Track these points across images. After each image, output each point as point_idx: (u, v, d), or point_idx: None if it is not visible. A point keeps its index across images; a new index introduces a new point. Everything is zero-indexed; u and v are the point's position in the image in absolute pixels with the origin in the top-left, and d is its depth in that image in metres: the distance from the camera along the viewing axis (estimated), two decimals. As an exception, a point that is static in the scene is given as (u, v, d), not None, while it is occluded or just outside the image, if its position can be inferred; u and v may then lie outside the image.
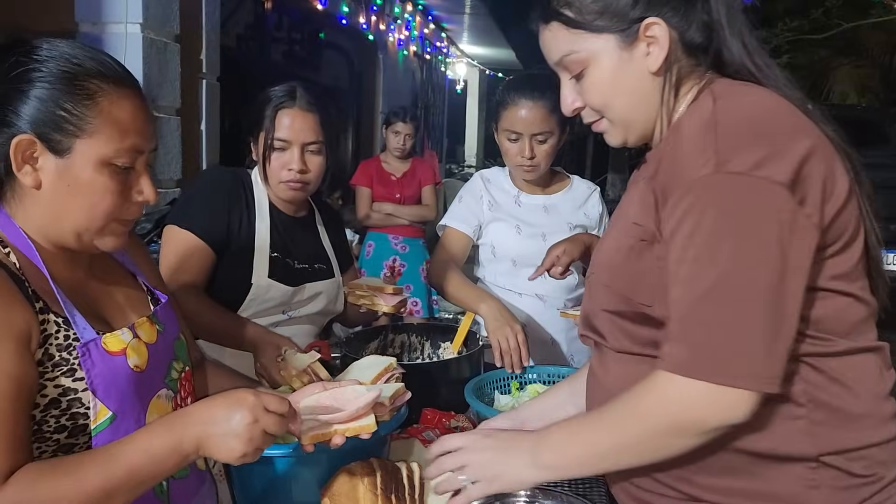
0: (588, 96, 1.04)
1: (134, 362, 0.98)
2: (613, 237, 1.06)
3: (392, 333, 1.90)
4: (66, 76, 0.92)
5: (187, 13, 3.44)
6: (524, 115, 1.87)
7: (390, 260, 4.31)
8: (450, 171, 11.64)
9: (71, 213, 0.95)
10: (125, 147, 0.95)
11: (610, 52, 0.99)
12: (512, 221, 1.99)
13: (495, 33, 9.70)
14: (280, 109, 1.68)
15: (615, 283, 1.01)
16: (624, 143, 1.07)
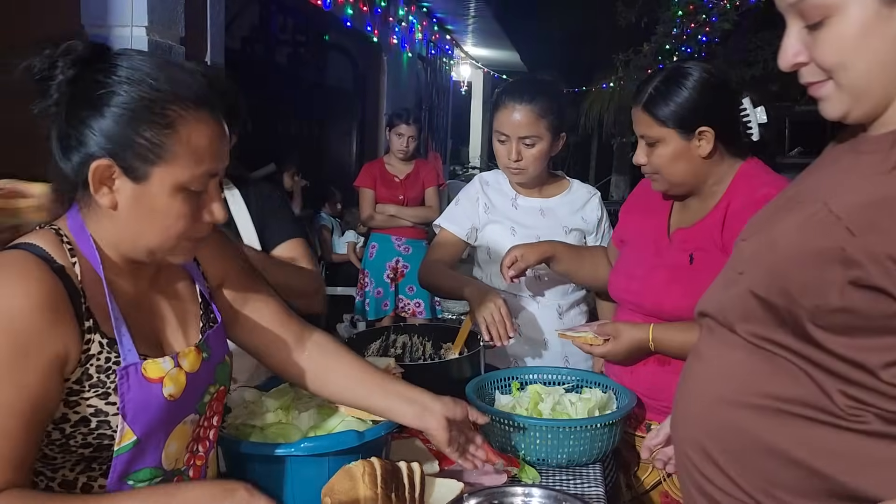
0: (822, 51, 0.88)
1: (169, 391, 0.98)
2: (802, 222, 0.92)
3: (394, 334, 1.91)
4: (145, 102, 0.91)
5: (192, 16, 3.46)
6: (512, 118, 1.90)
7: (393, 261, 4.34)
8: (454, 172, 11.64)
9: (145, 235, 0.96)
10: (200, 173, 0.95)
11: (866, 4, 0.84)
12: (507, 223, 2.01)
13: (500, 35, 9.72)
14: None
15: (784, 277, 0.91)
16: (843, 118, 0.91)
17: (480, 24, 9.08)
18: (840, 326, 0.86)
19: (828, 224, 0.88)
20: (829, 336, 0.87)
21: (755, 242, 0.99)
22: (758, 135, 1.56)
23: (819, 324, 0.87)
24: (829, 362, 0.88)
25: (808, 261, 0.88)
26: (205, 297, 1.12)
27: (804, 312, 0.88)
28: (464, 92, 11.78)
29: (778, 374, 0.92)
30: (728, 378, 0.98)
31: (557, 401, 1.53)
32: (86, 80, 0.91)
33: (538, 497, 1.26)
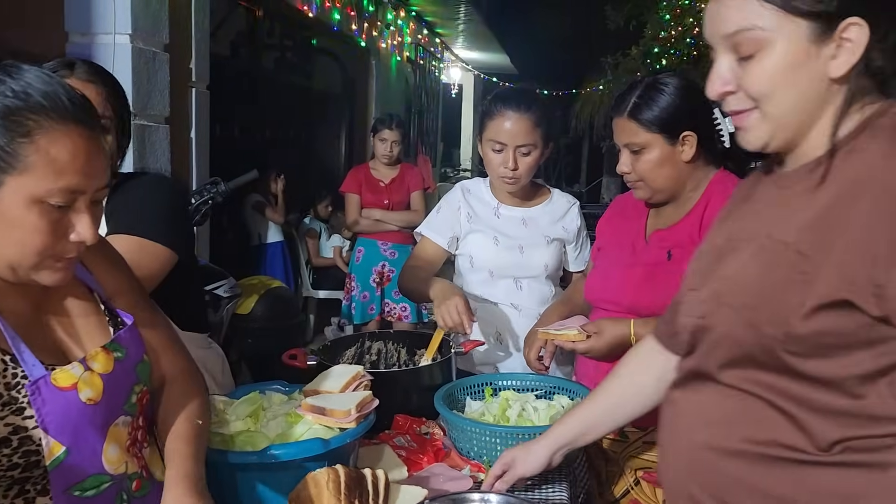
0: (751, 81, 0.93)
1: (87, 395, 0.97)
2: (753, 257, 0.95)
3: (369, 341, 1.94)
4: (5, 110, 0.88)
5: (177, 23, 3.48)
6: (509, 127, 1.91)
7: (379, 266, 4.36)
8: (444, 174, 11.67)
9: (2, 247, 0.92)
10: (59, 187, 0.90)
11: (796, 41, 0.89)
12: (490, 233, 2.02)
13: (490, 39, 9.75)
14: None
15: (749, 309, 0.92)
16: (764, 147, 0.97)
17: (470, 27, 9.11)
18: (813, 348, 0.88)
19: (778, 252, 0.91)
20: (804, 361, 0.89)
21: (711, 289, 1.00)
22: (729, 142, 1.61)
23: (792, 350, 0.89)
24: (805, 392, 0.90)
25: (771, 291, 0.90)
26: (106, 304, 1.10)
27: (776, 343, 0.89)
28: (454, 95, 11.81)
29: (755, 416, 0.94)
30: (705, 425, 1.00)
31: (524, 407, 1.56)
32: None
33: (495, 503, 1.29)
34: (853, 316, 0.85)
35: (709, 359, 0.99)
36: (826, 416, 0.89)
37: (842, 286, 0.84)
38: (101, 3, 3.06)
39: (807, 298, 0.86)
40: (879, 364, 0.86)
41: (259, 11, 5.19)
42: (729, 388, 0.97)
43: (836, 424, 0.89)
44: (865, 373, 0.87)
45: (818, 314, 0.86)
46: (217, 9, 4.11)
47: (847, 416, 0.88)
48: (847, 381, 0.87)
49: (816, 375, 0.88)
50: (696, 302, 1.03)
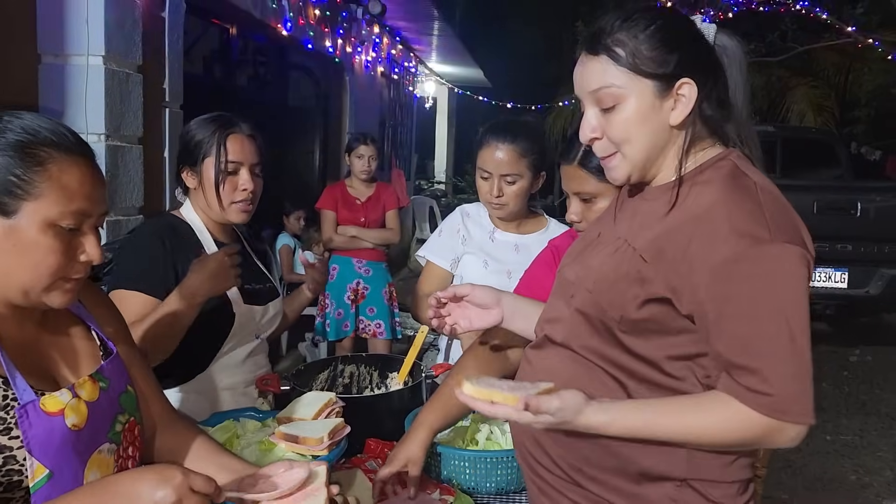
0: (613, 130, 1.16)
1: (72, 421, 1.02)
2: (610, 255, 1.19)
3: (342, 364, 1.98)
4: (19, 144, 0.99)
5: (150, 43, 3.50)
6: (495, 156, 1.98)
7: (354, 283, 4.39)
8: (419, 187, 11.74)
9: (17, 272, 1.00)
10: (70, 210, 1.00)
11: (645, 97, 1.12)
12: (481, 255, 2.09)
13: (463, 53, 9.86)
14: (229, 135, 1.76)
15: (599, 293, 1.16)
16: (627, 180, 1.20)
17: (444, 42, 9.20)
18: (638, 330, 1.13)
19: (628, 254, 1.15)
20: (631, 338, 1.14)
21: (575, 270, 1.26)
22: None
23: (623, 329, 1.14)
24: (631, 364, 1.15)
25: (615, 282, 1.15)
26: (98, 335, 1.16)
27: (613, 322, 1.14)
28: (428, 108, 11.89)
29: (593, 379, 1.17)
30: (554, 379, 1.17)
31: (492, 430, 1.61)
32: None
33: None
34: (669, 310, 1.10)
35: (568, 329, 1.22)
36: (646, 387, 1.14)
37: (665, 288, 1.09)
38: (74, 25, 3.07)
39: (640, 293, 1.11)
40: (684, 351, 1.13)
41: (233, 29, 5.22)
42: (575, 354, 1.20)
43: (648, 394, 1.14)
44: (672, 355, 1.13)
45: (646, 305, 1.11)
46: (190, 28, 4.14)
47: (660, 387, 1.14)
48: (659, 359, 1.14)
49: (640, 353, 1.14)
50: (566, 283, 1.27)
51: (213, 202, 1.76)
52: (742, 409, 1.05)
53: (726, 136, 1.18)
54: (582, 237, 1.36)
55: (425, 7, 7.19)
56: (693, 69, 1.12)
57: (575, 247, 1.34)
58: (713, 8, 8.69)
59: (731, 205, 1.07)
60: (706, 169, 1.15)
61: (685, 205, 1.13)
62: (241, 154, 1.77)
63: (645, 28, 1.13)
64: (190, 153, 1.77)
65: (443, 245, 2.15)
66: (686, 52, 1.13)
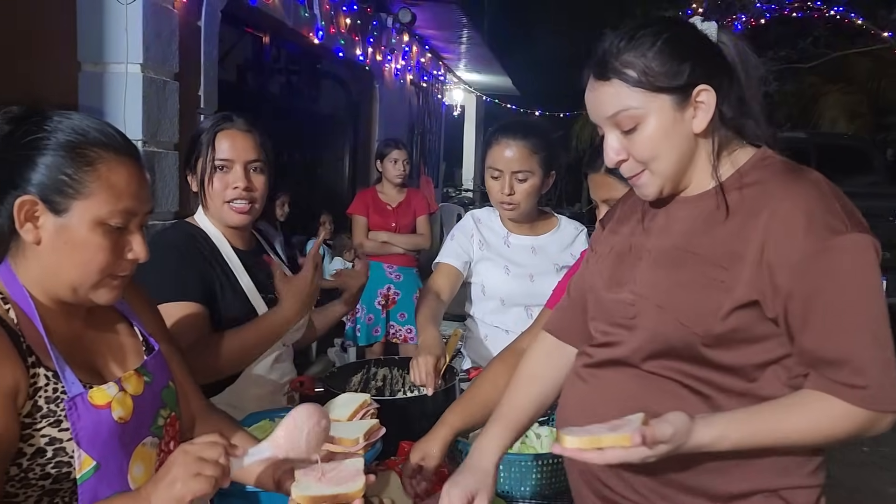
0: (637, 149, 1.13)
1: (118, 414, 1.04)
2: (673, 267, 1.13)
3: (375, 367, 1.98)
4: (69, 144, 1.02)
5: (186, 51, 3.57)
6: (505, 154, 1.95)
7: (385, 288, 4.41)
8: (447, 194, 11.75)
9: (66, 269, 1.03)
10: (118, 209, 1.03)
11: (664, 112, 1.10)
12: (501, 262, 2.06)
13: (491, 61, 9.88)
14: (219, 132, 1.67)
15: (676, 310, 1.10)
16: (659, 194, 1.17)
17: (472, 50, 9.23)
18: (724, 342, 1.08)
19: (699, 263, 1.11)
20: (714, 351, 1.09)
21: (626, 289, 1.18)
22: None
23: (707, 343, 1.09)
24: (712, 376, 1.11)
25: (693, 295, 1.10)
26: (141, 332, 1.19)
27: (695, 338, 1.09)
28: (456, 116, 11.92)
29: (669, 395, 1.13)
30: (620, 401, 1.14)
31: (527, 434, 1.60)
32: (19, 132, 1.02)
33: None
34: (755, 316, 1.07)
35: (634, 351, 1.16)
36: (727, 396, 1.10)
37: (750, 291, 1.06)
38: (114, 34, 3.14)
39: (724, 302, 1.06)
40: (769, 356, 1.09)
41: (266, 38, 5.29)
42: (644, 372, 1.15)
43: (735, 403, 1.09)
44: (759, 362, 1.09)
45: (732, 314, 1.06)
46: (225, 36, 4.20)
47: (745, 396, 1.10)
48: (745, 367, 1.09)
49: (722, 363, 1.09)
50: (620, 304, 1.19)
51: (209, 202, 1.68)
52: (839, 404, 1.02)
53: (751, 134, 1.16)
54: (604, 253, 1.28)
55: (454, 15, 7.22)
56: (707, 74, 1.10)
57: (601, 264, 1.27)
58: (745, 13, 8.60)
59: (802, 199, 1.05)
60: (751, 170, 1.13)
61: (743, 207, 1.10)
62: (231, 150, 1.66)
63: (652, 44, 1.10)
64: (188, 154, 1.72)
65: (455, 246, 2.12)
66: (697, 59, 1.10)
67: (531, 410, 1.34)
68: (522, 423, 1.34)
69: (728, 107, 1.12)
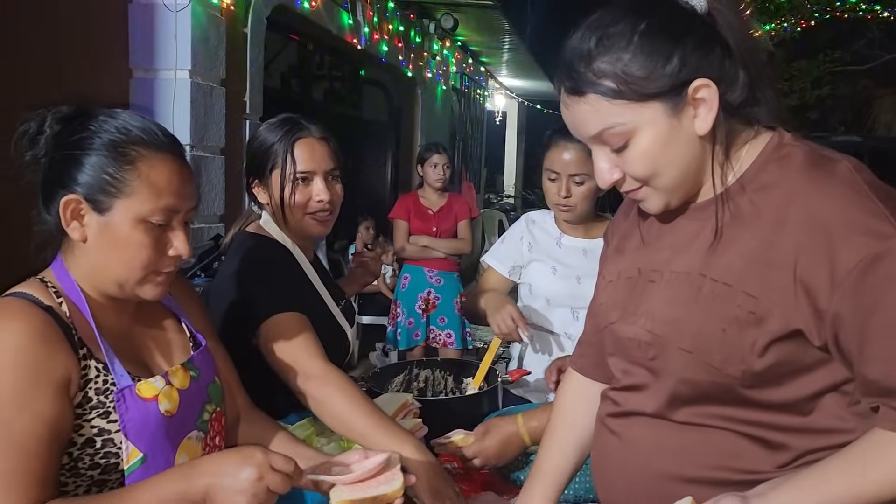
0: (632, 167, 0.97)
1: (165, 407, 1.06)
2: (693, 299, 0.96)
3: (417, 368, 1.98)
4: (112, 144, 1.03)
5: (233, 58, 3.64)
6: (563, 157, 1.95)
7: (425, 292, 4.41)
8: (488, 200, 11.74)
9: (111, 266, 1.05)
10: (160, 206, 1.04)
11: (657, 122, 0.92)
12: (549, 262, 2.06)
13: (533, 66, 9.84)
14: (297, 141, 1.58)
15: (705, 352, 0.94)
16: (666, 209, 1.01)
17: (514, 55, 9.21)
18: (767, 380, 0.92)
19: (723, 294, 0.93)
20: (758, 391, 0.93)
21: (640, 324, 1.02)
22: None
23: (747, 385, 0.93)
24: (760, 416, 0.95)
25: (723, 332, 0.92)
26: (188, 328, 1.21)
27: (733, 380, 0.93)
28: (498, 122, 11.90)
29: (713, 445, 0.98)
30: (660, 455, 1.01)
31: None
32: (66, 131, 1.04)
33: None
34: (800, 345, 0.90)
35: (660, 402, 1.00)
36: (790, 435, 0.95)
37: (788, 320, 0.88)
38: (164, 42, 3.22)
39: (759, 336, 0.90)
40: (824, 384, 0.93)
41: (310, 45, 5.36)
42: (683, 425, 0.99)
43: (791, 442, 0.94)
44: (812, 393, 0.93)
45: (771, 348, 0.90)
46: (270, 43, 4.27)
47: (800, 432, 0.94)
48: (797, 402, 0.93)
49: (773, 402, 0.93)
50: (635, 343, 1.03)
51: (289, 216, 1.58)
52: None
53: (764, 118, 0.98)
54: (612, 278, 1.13)
55: (496, 21, 7.22)
56: (701, 63, 0.91)
57: (612, 293, 1.11)
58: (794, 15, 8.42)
59: (834, 201, 0.87)
60: (766, 165, 0.96)
61: (762, 215, 0.92)
62: (311, 161, 1.58)
63: (627, 42, 0.91)
64: (258, 164, 1.59)
65: (503, 251, 2.15)
66: (685, 48, 0.91)
67: (573, 462, 1.23)
68: (565, 478, 1.24)
69: (734, 94, 0.94)
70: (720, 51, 0.93)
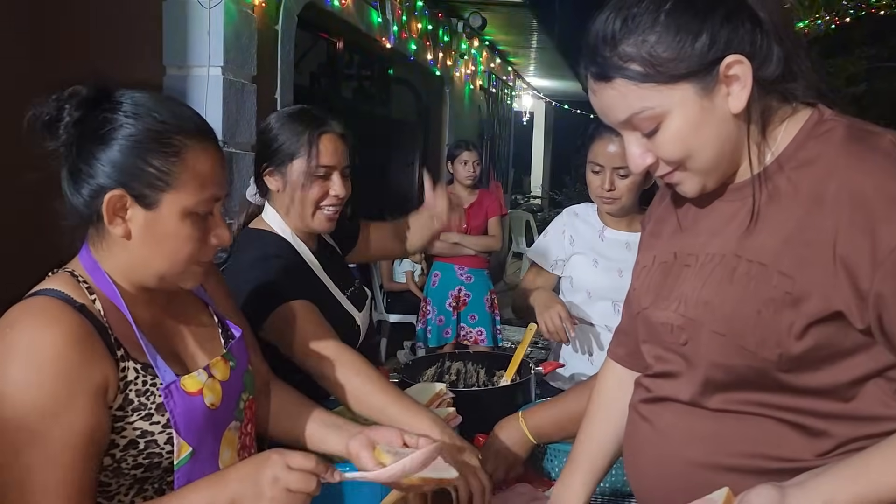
0: (665, 151, 0.94)
1: (210, 400, 1.04)
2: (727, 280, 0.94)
3: (449, 361, 1.97)
4: (152, 134, 0.97)
5: (264, 55, 3.66)
6: (608, 149, 1.93)
7: (456, 290, 4.40)
8: (515, 201, 11.70)
9: (156, 260, 1.01)
10: (205, 197, 1.01)
11: (688, 103, 0.90)
12: (591, 255, 2.04)
13: (562, 66, 9.78)
14: (322, 135, 1.60)
15: (739, 335, 0.91)
16: (702, 191, 0.99)
17: (543, 55, 9.17)
18: (805, 364, 0.89)
19: (757, 275, 0.91)
20: (795, 376, 0.90)
21: (672, 308, 1.00)
22: None
23: (784, 369, 0.90)
24: (800, 402, 0.92)
25: (758, 314, 0.90)
26: (218, 316, 1.19)
27: (769, 364, 0.90)
28: (525, 122, 11.86)
29: (749, 433, 0.95)
30: (693, 443, 0.99)
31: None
32: (92, 119, 0.97)
33: None
34: (840, 327, 0.87)
35: (691, 386, 0.98)
36: (821, 423, 0.92)
37: (827, 302, 0.85)
38: (197, 39, 3.25)
39: (796, 318, 0.87)
40: (867, 369, 0.89)
41: (339, 43, 5.38)
42: (716, 412, 0.97)
43: (832, 429, 0.91)
44: (853, 378, 0.90)
45: (809, 331, 0.87)
46: (300, 41, 4.29)
47: (841, 419, 0.91)
48: (838, 387, 0.90)
49: (812, 387, 0.90)
50: (667, 327, 1.01)
51: (298, 207, 1.60)
52: None
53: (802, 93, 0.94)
54: (647, 263, 1.11)
55: (525, 20, 7.19)
56: (731, 38, 0.88)
57: (646, 279, 1.09)
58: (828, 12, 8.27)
59: (876, 176, 0.84)
60: (805, 142, 0.92)
61: (800, 193, 0.90)
62: (333, 156, 1.60)
63: (652, 22, 0.89)
64: (274, 152, 1.59)
65: (545, 246, 2.14)
66: (714, 23, 0.88)
67: (610, 452, 1.21)
68: (603, 467, 1.22)
69: (768, 70, 0.90)
70: (750, 25, 0.89)
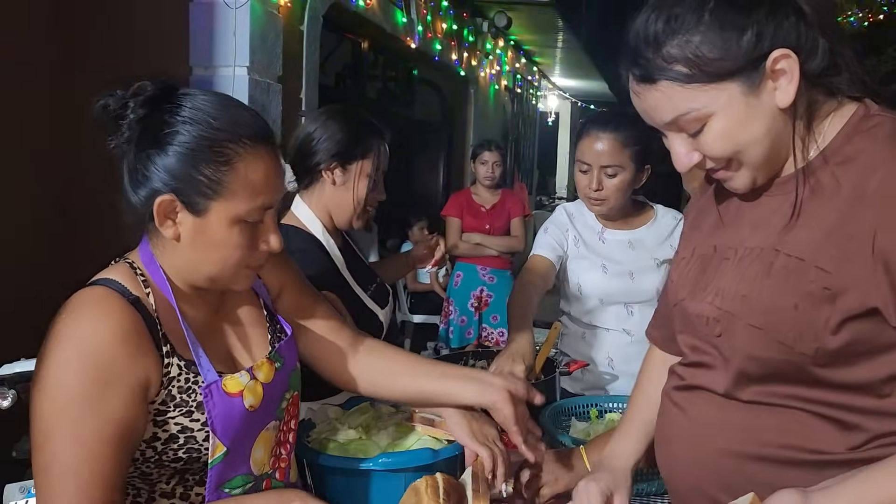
0: (712, 149, 0.94)
1: (249, 402, 1.04)
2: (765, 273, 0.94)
3: (473, 359, 1.95)
4: (205, 141, 0.96)
5: (289, 55, 3.67)
6: (595, 147, 1.86)
7: (478, 290, 4.39)
8: (540, 202, 11.66)
9: (205, 264, 1.02)
10: (256, 206, 1.00)
11: (734, 102, 0.90)
12: (597, 260, 1.98)
13: (588, 66, 9.74)
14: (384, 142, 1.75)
15: (776, 329, 0.91)
16: (753, 186, 0.98)
17: (568, 55, 9.13)
18: (841, 359, 0.89)
19: (796, 269, 0.91)
20: (831, 371, 0.90)
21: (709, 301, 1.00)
22: None
23: (820, 363, 0.90)
24: (835, 397, 0.92)
25: (795, 308, 0.90)
26: (270, 311, 1.18)
27: (805, 359, 0.90)
28: (550, 122, 11.82)
29: (781, 424, 0.95)
30: (726, 432, 0.99)
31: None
32: (153, 119, 0.97)
33: None
34: (876, 324, 0.87)
35: (725, 378, 0.99)
36: (854, 417, 0.92)
37: (864, 298, 0.85)
38: (223, 40, 3.27)
39: (833, 313, 0.87)
40: None
41: (364, 44, 5.39)
42: (748, 403, 0.97)
43: (865, 423, 0.91)
44: (889, 375, 0.90)
45: (846, 326, 0.87)
46: (325, 41, 4.30)
47: (875, 414, 0.91)
48: (873, 383, 0.90)
49: (847, 383, 0.90)
50: (702, 319, 1.01)
51: (351, 204, 1.69)
52: None
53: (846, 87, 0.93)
54: (686, 255, 1.11)
55: (550, 19, 7.16)
56: (777, 32, 0.87)
57: (684, 270, 1.09)
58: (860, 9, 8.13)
59: None
60: (851, 136, 0.92)
61: (842, 188, 0.89)
62: (385, 163, 1.75)
63: (696, 22, 0.87)
64: (348, 148, 1.67)
65: (549, 239, 2.03)
66: (759, 18, 0.87)
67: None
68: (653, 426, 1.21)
69: (814, 63, 0.89)
70: (795, 17, 0.89)
